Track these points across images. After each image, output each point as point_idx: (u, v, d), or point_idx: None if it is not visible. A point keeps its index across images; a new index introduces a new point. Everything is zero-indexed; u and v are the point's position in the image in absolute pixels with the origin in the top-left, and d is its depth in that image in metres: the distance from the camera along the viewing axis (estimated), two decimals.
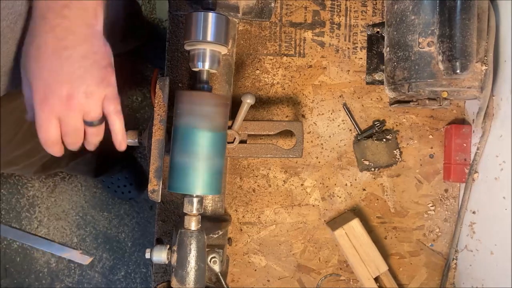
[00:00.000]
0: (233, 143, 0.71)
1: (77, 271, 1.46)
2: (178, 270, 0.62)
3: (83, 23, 0.51)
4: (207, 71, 0.66)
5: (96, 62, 0.53)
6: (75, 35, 0.51)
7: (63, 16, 0.50)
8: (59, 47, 0.50)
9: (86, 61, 0.52)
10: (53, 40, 0.50)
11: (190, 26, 0.64)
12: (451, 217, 0.86)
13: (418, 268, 0.86)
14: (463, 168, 0.81)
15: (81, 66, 0.52)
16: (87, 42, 0.52)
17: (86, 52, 0.52)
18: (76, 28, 0.51)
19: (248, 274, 0.87)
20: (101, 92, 0.54)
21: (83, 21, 0.51)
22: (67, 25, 0.50)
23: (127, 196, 1.41)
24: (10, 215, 1.46)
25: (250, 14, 0.74)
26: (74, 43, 0.51)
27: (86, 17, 0.51)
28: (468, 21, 0.65)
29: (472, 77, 0.70)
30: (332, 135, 0.85)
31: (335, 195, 0.85)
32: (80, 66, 0.52)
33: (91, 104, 0.54)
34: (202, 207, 0.65)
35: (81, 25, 0.51)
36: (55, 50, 0.50)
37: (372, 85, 0.84)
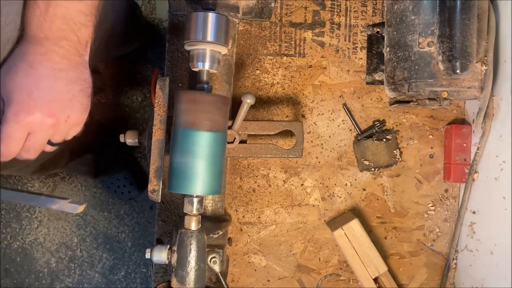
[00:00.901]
0: (233, 143, 0.71)
1: (77, 271, 1.46)
2: (178, 270, 0.62)
3: (76, 53, 0.55)
4: (207, 71, 0.66)
5: (83, 90, 0.56)
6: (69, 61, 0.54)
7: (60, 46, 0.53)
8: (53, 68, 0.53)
9: (75, 86, 0.55)
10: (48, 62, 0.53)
11: (190, 26, 0.64)
12: (451, 217, 0.86)
13: (418, 268, 0.86)
14: (463, 168, 0.81)
15: (70, 90, 0.55)
16: (78, 69, 0.55)
17: (76, 78, 0.55)
18: (70, 56, 0.54)
19: (248, 274, 0.87)
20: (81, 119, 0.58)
21: (76, 51, 0.55)
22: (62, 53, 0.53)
23: (127, 196, 1.41)
24: (10, 215, 1.46)
25: (250, 14, 0.74)
26: (67, 68, 0.54)
27: (79, 48, 0.55)
28: (468, 21, 0.65)
29: (472, 77, 0.70)
30: (332, 135, 0.85)
31: (335, 195, 0.85)
32: (69, 90, 0.55)
33: (65, 129, 0.57)
34: (202, 207, 0.65)
35: (74, 54, 0.55)
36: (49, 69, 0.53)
37: (372, 85, 0.84)
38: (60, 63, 0.54)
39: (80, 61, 0.56)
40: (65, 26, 0.53)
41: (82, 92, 0.56)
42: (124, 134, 0.72)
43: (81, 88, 0.56)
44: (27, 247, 1.47)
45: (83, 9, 0.54)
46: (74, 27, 0.53)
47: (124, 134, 0.72)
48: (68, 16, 0.53)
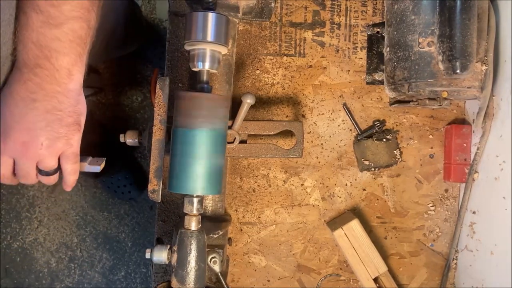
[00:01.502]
0: (233, 143, 0.71)
1: (77, 271, 1.46)
2: (178, 270, 0.62)
3: (54, 81, 0.53)
4: (207, 71, 0.66)
5: (60, 119, 0.55)
6: (45, 90, 0.53)
7: (35, 74, 0.52)
8: (27, 98, 0.53)
9: (50, 116, 0.54)
10: (24, 91, 0.53)
11: (190, 26, 0.64)
12: (451, 217, 0.86)
13: (418, 268, 0.86)
14: (463, 168, 0.81)
15: (44, 119, 0.54)
16: (54, 99, 0.54)
17: (52, 108, 0.54)
18: (45, 85, 0.53)
19: (248, 274, 0.87)
20: (58, 147, 0.57)
21: (54, 79, 0.53)
22: (38, 81, 0.53)
23: (127, 196, 1.41)
24: (10, 215, 1.46)
25: (250, 14, 0.74)
26: (42, 98, 0.53)
27: (57, 77, 0.53)
28: (468, 21, 0.65)
29: (472, 77, 0.70)
30: (332, 135, 0.85)
31: (335, 195, 0.85)
32: (43, 119, 0.54)
33: (45, 155, 0.56)
34: (202, 207, 0.65)
35: (51, 82, 0.53)
36: (23, 99, 0.53)
37: (372, 85, 0.84)
38: (36, 93, 0.53)
39: (59, 90, 0.54)
40: (40, 52, 0.51)
41: (57, 121, 0.55)
42: (124, 134, 0.72)
43: (57, 118, 0.55)
44: (27, 247, 1.47)
45: (58, 36, 0.51)
46: (48, 54, 0.52)
47: (124, 134, 0.72)
48: (43, 42, 0.51)
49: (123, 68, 1.38)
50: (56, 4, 0.50)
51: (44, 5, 0.50)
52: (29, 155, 0.56)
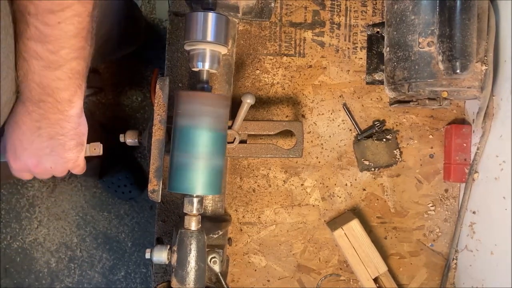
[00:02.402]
0: (233, 143, 0.71)
1: (77, 271, 1.46)
2: (178, 270, 0.62)
3: (56, 111, 0.57)
4: (207, 71, 0.66)
5: (63, 144, 0.60)
6: (48, 119, 0.57)
7: (38, 106, 0.56)
8: (33, 126, 0.58)
9: (53, 141, 0.59)
10: (29, 121, 0.57)
11: (190, 26, 0.64)
12: (451, 217, 0.86)
13: (418, 268, 0.86)
14: (463, 168, 0.81)
15: (49, 145, 0.59)
16: (57, 126, 0.58)
17: (55, 134, 0.59)
18: (49, 115, 0.57)
19: (248, 274, 0.87)
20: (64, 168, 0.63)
21: (56, 109, 0.57)
22: (41, 112, 0.57)
23: (127, 196, 1.41)
24: (10, 215, 1.46)
25: (250, 14, 0.74)
26: (46, 125, 0.58)
27: (59, 107, 0.57)
28: (468, 21, 0.65)
29: (472, 77, 0.70)
30: (332, 135, 0.85)
31: (335, 195, 0.85)
32: (47, 146, 0.59)
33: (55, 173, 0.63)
34: (202, 207, 0.65)
35: (54, 112, 0.57)
36: (29, 128, 0.58)
37: (372, 85, 0.84)
38: (40, 121, 0.57)
39: (61, 117, 0.58)
40: (42, 91, 0.55)
41: (60, 146, 0.60)
42: (124, 134, 0.72)
43: (61, 143, 0.59)
44: (27, 247, 1.47)
45: (59, 76, 0.54)
46: (50, 92, 0.55)
47: (124, 134, 0.72)
48: (45, 83, 0.54)
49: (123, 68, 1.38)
50: (54, 50, 0.52)
51: (43, 52, 0.52)
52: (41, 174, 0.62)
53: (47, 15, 0.49)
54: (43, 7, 0.49)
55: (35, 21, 0.50)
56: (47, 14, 0.49)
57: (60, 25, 0.50)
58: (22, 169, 0.62)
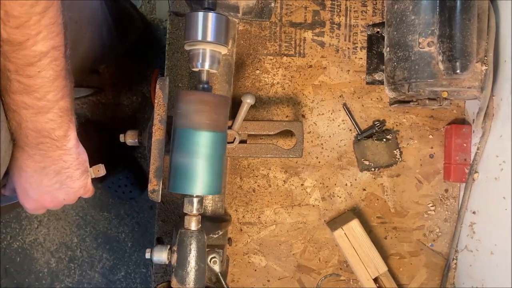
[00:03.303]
0: (233, 143, 0.71)
1: (77, 271, 1.46)
2: (178, 270, 0.62)
3: (55, 148, 0.59)
4: (207, 71, 0.66)
5: (69, 176, 0.62)
6: (50, 158, 0.60)
7: (38, 149, 0.59)
8: (38, 167, 0.60)
9: (61, 176, 0.61)
10: (33, 163, 0.59)
11: (190, 26, 0.64)
12: (451, 217, 0.86)
13: (418, 268, 0.86)
14: (463, 168, 0.81)
15: (57, 181, 0.61)
16: (60, 161, 0.60)
17: (60, 169, 0.61)
18: (50, 153, 0.59)
19: (248, 274, 0.87)
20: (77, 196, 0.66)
21: (55, 147, 0.59)
22: (42, 153, 0.59)
23: (127, 196, 1.41)
24: (10, 215, 1.46)
25: (250, 14, 0.74)
26: (49, 163, 0.60)
27: (58, 144, 0.59)
28: (468, 21, 0.65)
29: (472, 77, 0.70)
30: (332, 135, 0.85)
31: (335, 195, 0.85)
32: (56, 181, 0.61)
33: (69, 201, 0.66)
34: (202, 207, 0.65)
35: (54, 150, 0.59)
36: (35, 170, 0.60)
37: (372, 85, 0.84)
38: (43, 162, 0.59)
39: (61, 152, 0.60)
40: (38, 134, 0.57)
41: (68, 179, 0.62)
42: (124, 134, 0.72)
43: (68, 175, 0.62)
44: (27, 247, 1.47)
45: (51, 118, 0.57)
46: (46, 133, 0.57)
47: (124, 134, 0.72)
48: (39, 127, 0.57)
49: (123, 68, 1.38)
50: (40, 97, 0.54)
51: (31, 102, 0.54)
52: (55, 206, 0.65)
53: (27, 68, 0.51)
54: (21, 62, 0.51)
55: (17, 76, 0.52)
56: (26, 67, 0.51)
57: (40, 73, 0.52)
58: (38, 208, 0.65)
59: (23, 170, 0.60)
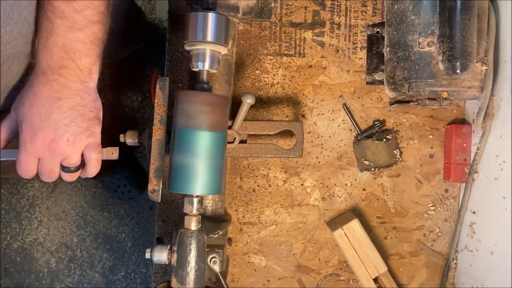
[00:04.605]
0: (233, 143, 0.71)
1: (77, 271, 1.46)
2: (178, 270, 0.62)
3: (77, 80, 0.57)
4: (207, 71, 0.66)
5: (82, 114, 0.59)
6: (69, 89, 0.57)
7: (60, 74, 0.56)
8: (52, 97, 0.57)
9: (74, 111, 0.58)
10: (49, 91, 0.57)
11: (190, 26, 0.64)
12: (451, 217, 0.86)
13: (418, 268, 0.86)
14: (463, 168, 0.81)
15: (69, 115, 0.58)
16: (78, 96, 0.58)
17: (75, 104, 0.58)
18: (70, 83, 0.57)
19: (248, 274, 0.87)
20: (82, 141, 0.60)
21: (77, 78, 0.57)
22: (63, 81, 0.57)
23: (127, 196, 1.41)
24: (10, 215, 1.46)
25: (250, 14, 0.74)
26: (66, 95, 0.57)
27: (80, 76, 0.57)
28: (468, 21, 0.65)
29: (472, 77, 0.70)
30: (332, 135, 0.85)
31: (335, 195, 0.85)
32: (67, 116, 0.58)
33: (71, 152, 0.60)
34: (202, 207, 0.65)
35: (75, 81, 0.57)
36: (48, 99, 0.57)
37: (372, 85, 0.84)
38: (60, 92, 0.57)
39: (82, 88, 0.58)
40: (65, 55, 0.56)
41: (81, 116, 0.59)
42: (124, 134, 0.72)
43: (80, 113, 0.59)
44: (27, 247, 1.47)
45: (82, 38, 0.56)
46: (73, 56, 0.56)
47: (124, 134, 0.72)
48: (68, 45, 0.55)
49: (123, 68, 1.38)
50: (79, 9, 0.55)
51: (68, 11, 0.54)
52: (56, 153, 0.59)
53: None
54: None
55: None
56: None
57: None
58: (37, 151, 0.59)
59: (37, 98, 0.57)
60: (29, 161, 0.60)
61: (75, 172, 0.64)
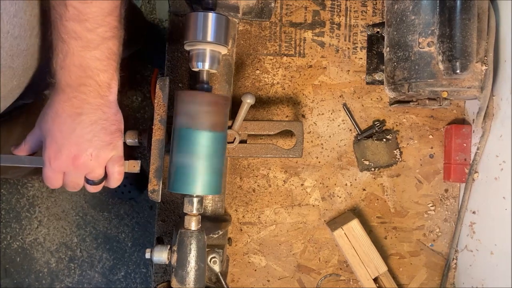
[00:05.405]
0: (233, 143, 0.71)
1: (77, 271, 1.46)
2: (178, 270, 0.62)
3: (97, 95, 0.58)
4: (207, 71, 0.66)
5: (104, 128, 0.59)
6: (90, 104, 0.58)
7: (79, 91, 0.57)
8: (74, 113, 0.57)
9: (96, 126, 0.59)
10: (70, 108, 0.57)
11: (190, 26, 0.64)
12: (451, 217, 0.86)
13: (418, 268, 0.86)
14: (463, 168, 0.81)
15: (91, 130, 0.58)
16: (99, 110, 0.59)
17: (97, 119, 0.59)
18: (90, 99, 0.58)
19: (248, 274, 0.87)
20: (106, 155, 0.61)
21: (97, 94, 0.58)
22: (83, 97, 0.57)
23: (127, 196, 1.41)
24: (10, 215, 1.46)
25: (250, 14, 0.74)
26: (87, 111, 0.58)
27: (100, 91, 0.58)
28: (468, 21, 0.65)
29: (472, 77, 0.70)
30: (332, 135, 0.85)
31: (335, 195, 0.85)
32: (90, 131, 0.58)
33: (94, 166, 0.61)
34: (202, 207, 0.65)
35: (95, 97, 0.58)
36: (70, 115, 0.57)
37: (372, 85, 0.84)
38: (80, 107, 0.57)
39: (102, 102, 0.59)
40: (83, 73, 0.56)
41: (103, 130, 0.59)
42: (124, 134, 0.72)
43: (102, 127, 0.59)
44: (27, 247, 1.47)
45: (98, 56, 0.56)
46: (91, 73, 0.56)
47: (124, 134, 0.72)
48: (85, 64, 0.56)
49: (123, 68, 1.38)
50: (92, 28, 0.55)
51: (81, 31, 0.55)
52: (80, 168, 0.60)
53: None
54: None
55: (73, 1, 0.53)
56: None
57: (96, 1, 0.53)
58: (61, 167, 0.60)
59: (58, 115, 0.58)
60: (55, 177, 0.61)
61: (99, 184, 0.65)
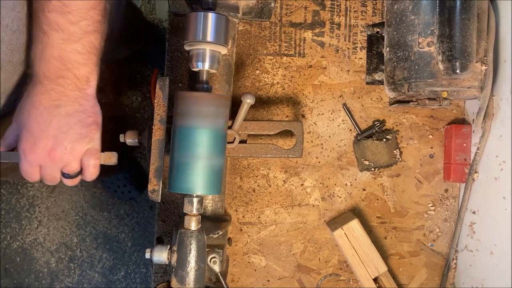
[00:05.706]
0: (233, 143, 0.71)
1: (77, 271, 1.46)
2: (178, 270, 0.62)
3: (75, 88, 0.58)
4: (207, 71, 0.66)
5: (81, 120, 0.59)
6: (67, 96, 0.58)
7: (57, 84, 0.56)
8: (51, 106, 0.57)
9: (72, 118, 0.58)
10: (47, 100, 0.57)
11: (189, 26, 0.64)
12: (451, 217, 0.86)
13: (418, 268, 0.86)
14: (463, 168, 0.81)
15: (67, 123, 0.58)
16: (76, 103, 0.58)
17: (74, 111, 0.58)
18: (68, 92, 0.57)
19: (248, 274, 0.87)
20: (81, 147, 0.61)
21: (75, 86, 0.58)
22: (60, 90, 0.57)
23: (127, 196, 1.41)
24: (10, 215, 1.46)
25: (250, 14, 0.74)
26: (64, 103, 0.58)
27: (78, 84, 0.58)
28: (468, 21, 0.65)
29: (472, 77, 0.70)
30: (332, 135, 0.85)
31: (335, 195, 0.85)
32: (66, 123, 0.58)
33: (69, 160, 0.60)
34: (202, 207, 0.65)
35: (73, 89, 0.58)
36: (47, 108, 0.57)
37: (372, 85, 0.84)
38: (58, 100, 0.57)
39: (80, 95, 0.58)
40: (62, 66, 0.56)
41: (79, 123, 0.59)
42: (124, 134, 0.72)
43: (79, 119, 0.59)
44: (27, 247, 1.47)
45: (79, 49, 0.56)
46: (70, 66, 0.56)
47: (124, 134, 0.72)
48: (64, 57, 0.55)
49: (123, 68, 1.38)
50: (75, 21, 0.54)
51: (64, 24, 0.54)
52: (55, 161, 0.60)
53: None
54: None
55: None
56: None
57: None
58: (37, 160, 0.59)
59: (35, 108, 0.57)
60: (31, 170, 0.61)
61: (75, 178, 0.64)
